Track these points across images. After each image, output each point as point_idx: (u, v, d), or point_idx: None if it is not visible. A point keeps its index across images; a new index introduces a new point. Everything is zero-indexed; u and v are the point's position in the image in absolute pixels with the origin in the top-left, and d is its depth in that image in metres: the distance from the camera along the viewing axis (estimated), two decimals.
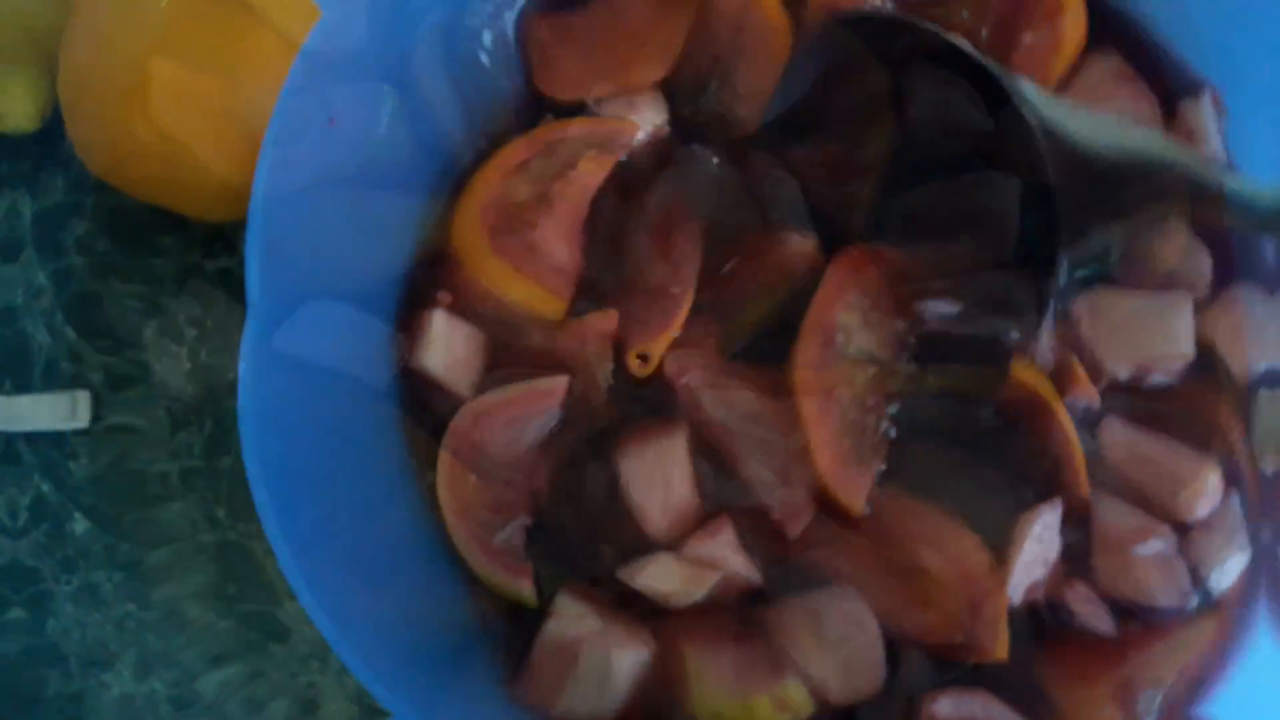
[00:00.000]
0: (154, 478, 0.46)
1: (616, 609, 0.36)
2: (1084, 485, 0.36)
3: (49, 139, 0.49)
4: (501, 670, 0.36)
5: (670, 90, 0.40)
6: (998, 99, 0.35)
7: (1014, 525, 0.36)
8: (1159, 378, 0.37)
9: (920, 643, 0.36)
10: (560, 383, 0.37)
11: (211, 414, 0.47)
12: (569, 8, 0.41)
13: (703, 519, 0.37)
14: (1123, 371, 0.37)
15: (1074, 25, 0.40)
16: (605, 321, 0.38)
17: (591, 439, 0.38)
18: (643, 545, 0.36)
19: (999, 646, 0.35)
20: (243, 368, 0.30)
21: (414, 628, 0.36)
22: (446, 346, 0.37)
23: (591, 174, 0.38)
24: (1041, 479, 0.37)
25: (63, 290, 0.48)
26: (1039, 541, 0.35)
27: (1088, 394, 0.37)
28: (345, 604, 0.31)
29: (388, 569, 0.36)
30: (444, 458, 0.37)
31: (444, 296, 0.38)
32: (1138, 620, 0.36)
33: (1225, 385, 0.38)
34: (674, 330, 0.38)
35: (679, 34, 0.40)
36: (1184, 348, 0.36)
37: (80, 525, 0.46)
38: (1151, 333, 0.36)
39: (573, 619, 0.35)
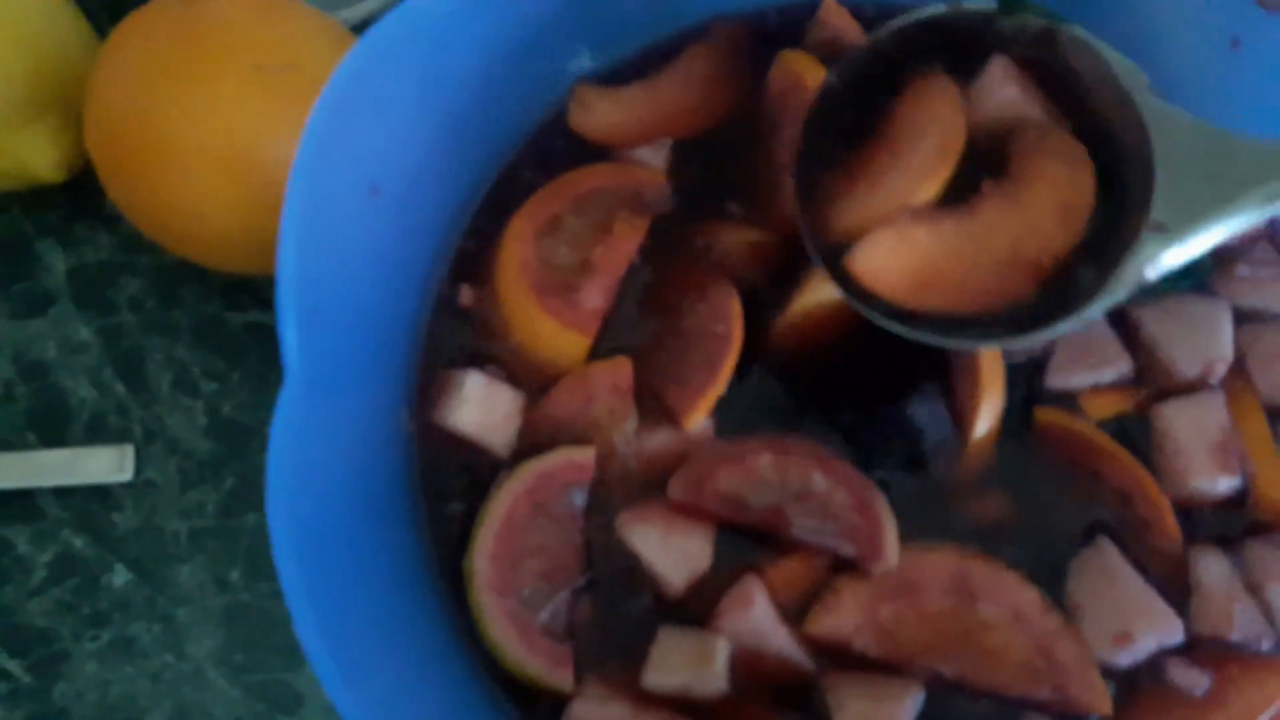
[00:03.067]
0: (170, 536, 0.46)
1: (651, 703, 0.34)
2: (1169, 523, 0.36)
3: (83, 192, 0.49)
4: None
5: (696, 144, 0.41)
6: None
7: (1070, 562, 0.36)
8: (1214, 380, 0.38)
9: (998, 696, 0.34)
10: (590, 455, 0.36)
11: (234, 470, 0.46)
12: (621, 83, 0.42)
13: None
14: (1193, 372, 0.38)
15: None
16: (615, 373, 0.37)
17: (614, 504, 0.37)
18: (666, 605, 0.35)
19: (1098, 699, 0.33)
20: (275, 430, 0.29)
21: (432, 703, 0.34)
22: (482, 407, 0.37)
23: (629, 238, 0.39)
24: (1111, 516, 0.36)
25: (112, 346, 0.48)
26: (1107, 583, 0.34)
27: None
28: (365, 679, 0.30)
29: (408, 647, 0.35)
30: (489, 526, 0.36)
31: (476, 358, 0.38)
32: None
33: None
34: (719, 386, 0.36)
35: (726, 107, 0.42)
36: (1228, 351, 0.38)
37: (120, 577, 0.45)
38: (1211, 335, 0.38)
39: (599, 701, 0.34)
